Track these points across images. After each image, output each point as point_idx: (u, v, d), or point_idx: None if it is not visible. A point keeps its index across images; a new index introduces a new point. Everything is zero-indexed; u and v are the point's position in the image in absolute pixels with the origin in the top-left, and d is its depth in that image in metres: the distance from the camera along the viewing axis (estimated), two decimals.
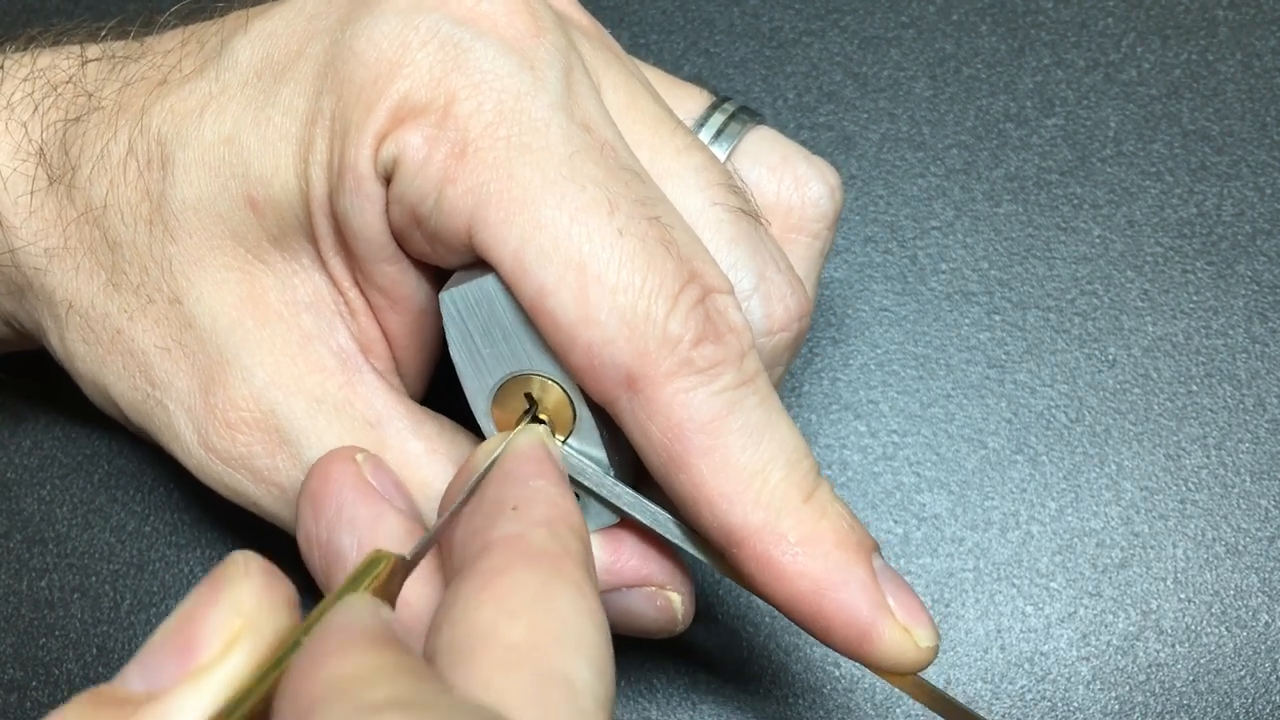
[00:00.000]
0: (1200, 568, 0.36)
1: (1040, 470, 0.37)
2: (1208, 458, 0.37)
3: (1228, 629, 0.35)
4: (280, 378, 0.29)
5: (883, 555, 0.26)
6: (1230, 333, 0.38)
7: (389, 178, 0.27)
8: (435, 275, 0.29)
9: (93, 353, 0.31)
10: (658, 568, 0.29)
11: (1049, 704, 0.34)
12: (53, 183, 0.30)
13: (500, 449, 0.26)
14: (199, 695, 0.19)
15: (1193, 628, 0.35)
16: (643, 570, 0.29)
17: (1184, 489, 0.37)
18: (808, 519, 0.26)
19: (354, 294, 0.29)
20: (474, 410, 0.28)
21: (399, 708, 0.17)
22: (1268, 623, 0.35)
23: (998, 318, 0.39)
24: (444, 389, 0.31)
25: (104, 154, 0.29)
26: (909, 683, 0.27)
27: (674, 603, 0.29)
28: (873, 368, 0.38)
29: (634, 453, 0.27)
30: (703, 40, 0.42)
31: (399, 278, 0.28)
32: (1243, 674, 0.35)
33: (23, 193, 0.30)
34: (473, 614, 0.21)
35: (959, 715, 0.27)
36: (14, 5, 0.44)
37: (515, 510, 0.23)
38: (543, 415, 0.27)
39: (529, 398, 0.27)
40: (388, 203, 0.27)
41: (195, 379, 0.29)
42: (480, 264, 0.26)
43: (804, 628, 0.26)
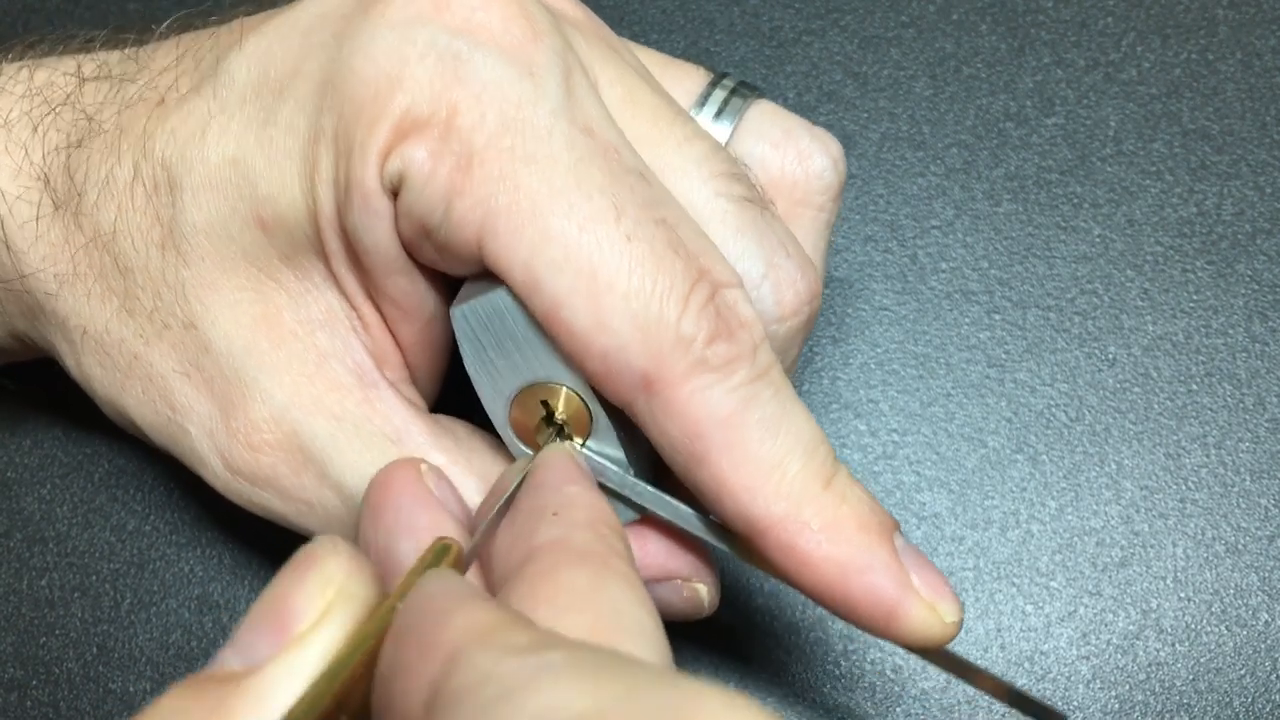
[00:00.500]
0: (1200, 567, 0.36)
1: (1040, 469, 0.37)
2: (1208, 457, 0.37)
3: (1228, 628, 0.35)
4: (299, 398, 0.29)
5: (903, 533, 0.27)
6: (1230, 332, 0.38)
7: (396, 192, 0.27)
8: (445, 283, 0.29)
9: (110, 377, 0.31)
10: (682, 561, 0.29)
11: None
12: (58, 208, 0.30)
13: (527, 464, 0.27)
14: (297, 665, 0.19)
15: (1193, 627, 0.35)
16: (668, 565, 0.29)
17: (1184, 488, 0.37)
18: (829, 505, 0.26)
19: (367, 308, 0.29)
20: (493, 420, 0.28)
21: (549, 647, 0.18)
22: (1268, 622, 0.35)
23: (998, 317, 0.39)
24: (456, 392, 0.31)
25: (109, 179, 0.29)
26: (935, 655, 0.28)
27: (700, 592, 0.29)
28: (873, 367, 0.38)
29: (651, 449, 0.27)
30: (703, 40, 0.42)
31: (410, 288, 0.28)
32: (1243, 673, 0.35)
33: (28, 219, 0.30)
34: (529, 615, 0.21)
35: (983, 681, 0.28)
36: (14, 5, 0.44)
37: (555, 515, 0.24)
38: (560, 420, 0.28)
39: (545, 405, 0.27)
40: (396, 216, 0.27)
41: (215, 403, 0.29)
42: (488, 273, 0.27)
43: (830, 610, 0.26)
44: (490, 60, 0.26)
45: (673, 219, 0.26)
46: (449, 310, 0.27)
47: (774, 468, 0.26)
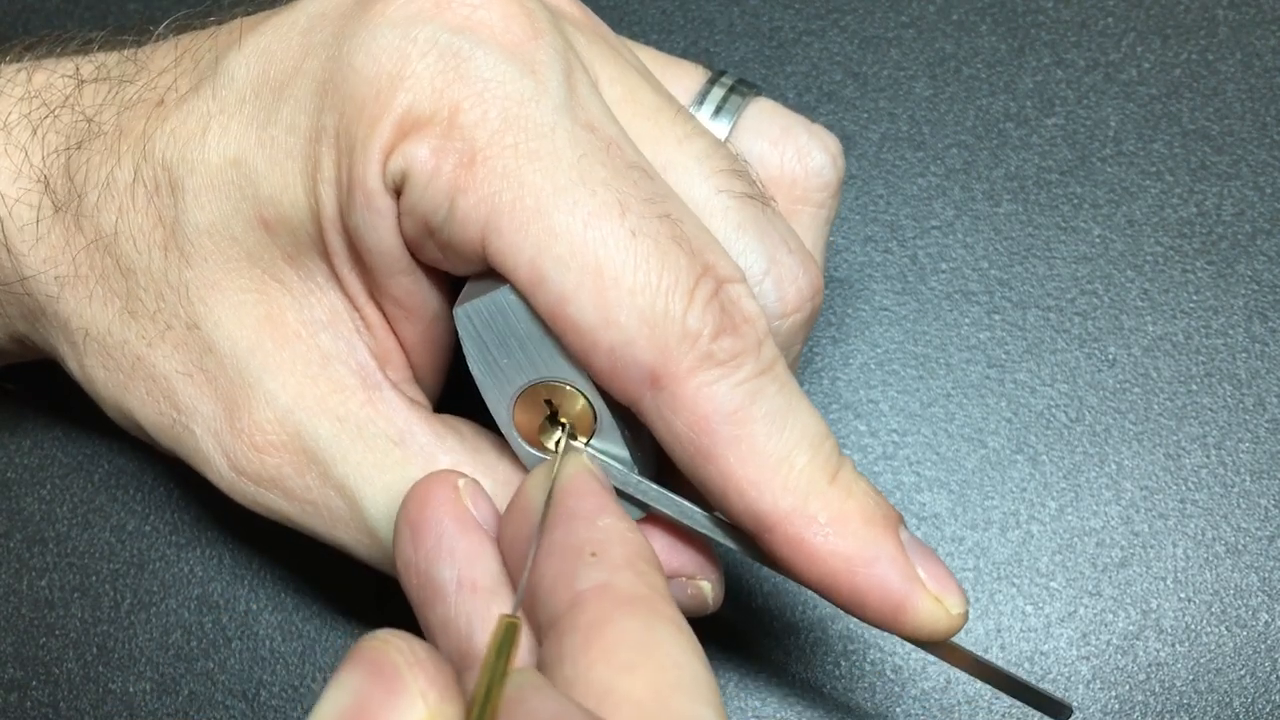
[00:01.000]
0: (1200, 567, 0.36)
1: (1040, 470, 0.37)
2: (1208, 457, 0.37)
3: (1228, 628, 0.35)
4: (303, 400, 0.29)
5: (908, 527, 0.27)
6: (1230, 333, 0.38)
7: (399, 191, 0.27)
8: (448, 282, 0.29)
9: (114, 379, 0.31)
10: (688, 559, 0.29)
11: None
12: (58, 210, 0.30)
13: (555, 468, 0.27)
14: None
15: (1193, 627, 0.35)
16: (673, 563, 0.29)
17: (1184, 489, 0.37)
18: (835, 499, 0.26)
19: (370, 308, 0.29)
20: (497, 420, 0.28)
21: None
22: (1268, 622, 0.35)
23: (998, 317, 0.39)
24: (459, 390, 0.31)
25: (109, 181, 0.29)
26: (941, 648, 0.28)
27: (704, 590, 0.29)
28: (873, 367, 0.38)
29: (655, 447, 0.27)
30: (703, 40, 0.42)
31: (413, 288, 0.28)
32: (1243, 673, 0.35)
33: (28, 221, 0.30)
34: (586, 674, 0.21)
35: (989, 674, 0.28)
36: (14, 5, 0.44)
37: (595, 557, 0.24)
38: (564, 419, 0.28)
39: (549, 404, 0.28)
40: (399, 215, 0.27)
41: (219, 403, 0.29)
42: (490, 272, 0.27)
43: (837, 604, 0.27)
44: (491, 58, 0.26)
45: (676, 214, 0.26)
46: (452, 310, 0.27)
47: (781, 462, 0.26)
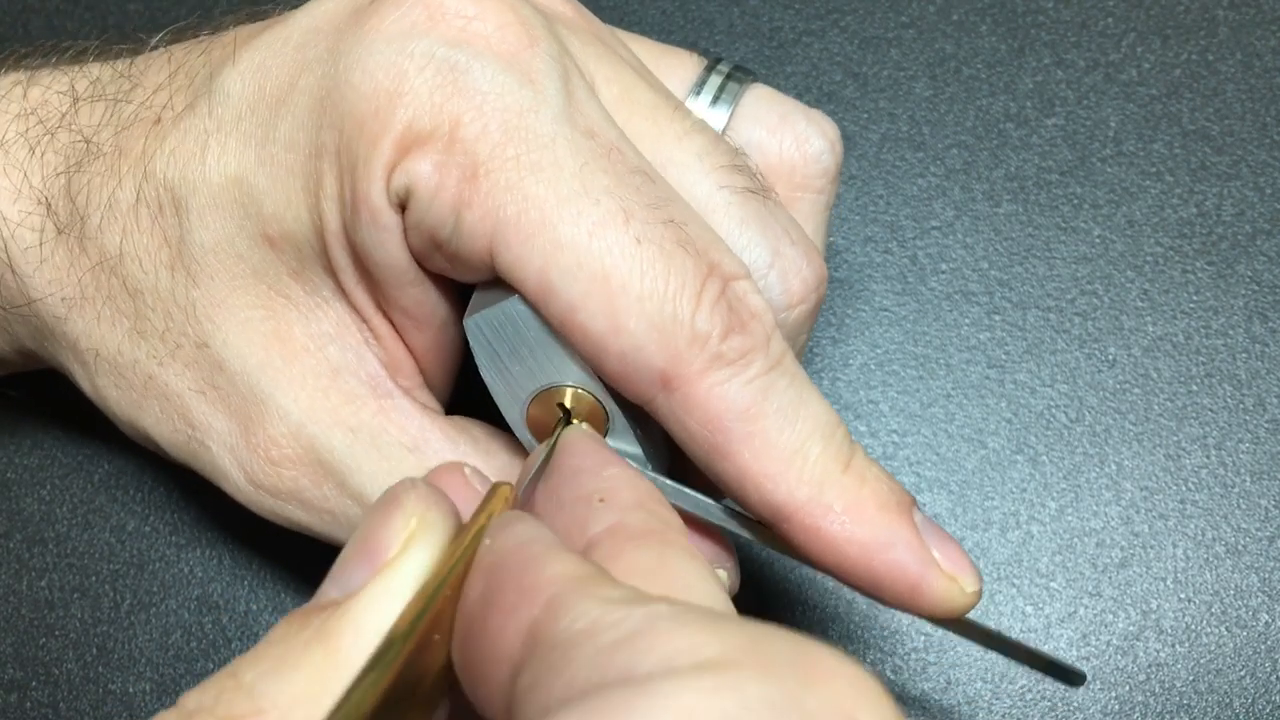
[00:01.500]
0: (1200, 568, 0.36)
1: (1040, 470, 0.37)
2: (1208, 458, 0.37)
3: (1228, 629, 0.35)
4: (315, 413, 0.29)
5: (921, 508, 0.27)
6: (1230, 333, 0.38)
7: (403, 206, 0.27)
8: (456, 289, 0.29)
9: (126, 397, 0.31)
10: (705, 548, 0.29)
11: (1049, 704, 0.34)
12: (61, 233, 0.30)
13: (555, 438, 0.27)
14: (391, 588, 0.20)
15: (1193, 628, 0.35)
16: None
17: (1184, 489, 0.37)
18: (850, 487, 0.26)
19: (377, 319, 0.29)
20: (511, 425, 0.29)
21: (653, 601, 0.18)
22: (1268, 623, 0.35)
23: (998, 318, 0.39)
24: (470, 391, 0.31)
25: (112, 202, 0.29)
26: (956, 624, 0.28)
27: (721, 578, 0.29)
28: (873, 368, 0.38)
29: (667, 443, 0.28)
30: (703, 40, 0.42)
31: (422, 298, 0.29)
32: (1243, 674, 0.35)
33: (31, 244, 0.30)
34: None
35: (1001, 644, 0.29)
36: (14, 5, 0.44)
37: (603, 501, 0.24)
38: (576, 419, 0.28)
39: (562, 406, 0.28)
40: (405, 230, 0.27)
41: (234, 420, 0.30)
42: (499, 280, 0.27)
43: (854, 587, 0.27)
44: (489, 70, 0.26)
45: (680, 217, 0.26)
46: (462, 320, 0.28)
47: (795, 454, 0.26)
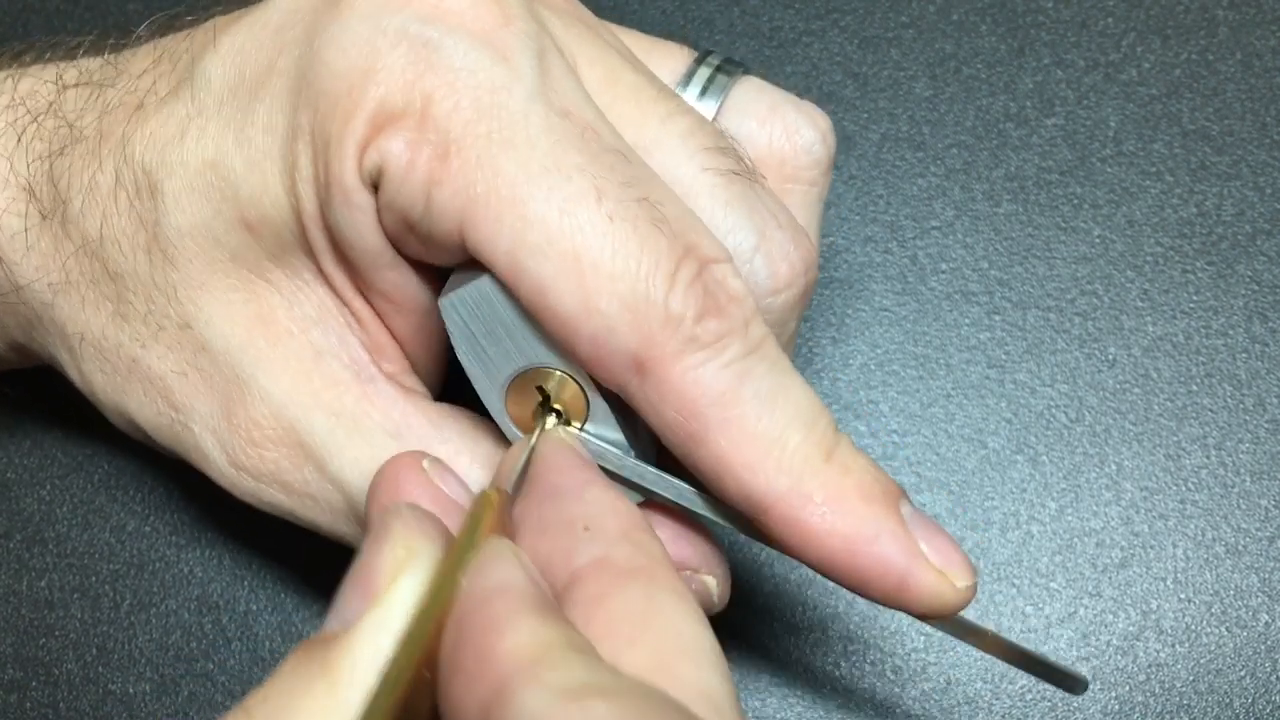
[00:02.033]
0: (1200, 568, 0.36)
1: (1040, 470, 0.37)
2: (1208, 458, 0.37)
3: (1228, 629, 0.35)
4: (297, 395, 0.29)
5: (911, 500, 0.26)
6: (1230, 333, 0.38)
7: (376, 185, 0.26)
8: (436, 274, 0.29)
9: (111, 382, 0.31)
10: (692, 551, 0.29)
11: (1049, 704, 0.34)
12: (45, 218, 0.30)
13: (534, 439, 0.27)
14: (381, 622, 0.21)
15: (1193, 628, 0.35)
16: (677, 555, 0.28)
17: (1184, 489, 0.37)
18: (832, 478, 0.26)
19: (359, 303, 0.29)
20: (490, 409, 0.28)
21: (598, 695, 0.18)
22: (1268, 623, 0.35)
23: (998, 318, 0.39)
24: (462, 379, 0.31)
25: (92, 186, 0.29)
26: (949, 624, 0.28)
27: (709, 586, 0.29)
28: (873, 368, 0.38)
29: (650, 429, 0.27)
30: (703, 40, 0.42)
31: (400, 282, 0.28)
32: (1243, 674, 0.35)
33: (18, 230, 0.30)
34: None
35: (1002, 649, 0.28)
36: (14, 5, 0.44)
37: (588, 531, 0.23)
38: (557, 405, 0.27)
39: (541, 390, 0.27)
40: (379, 210, 0.27)
41: (216, 401, 0.29)
42: (473, 262, 0.26)
43: (840, 582, 0.26)
44: (463, 46, 0.26)
45: (655, 196, 0.26)
46: (437, 303, 0.27)
47: (773, 442, 0.25)
